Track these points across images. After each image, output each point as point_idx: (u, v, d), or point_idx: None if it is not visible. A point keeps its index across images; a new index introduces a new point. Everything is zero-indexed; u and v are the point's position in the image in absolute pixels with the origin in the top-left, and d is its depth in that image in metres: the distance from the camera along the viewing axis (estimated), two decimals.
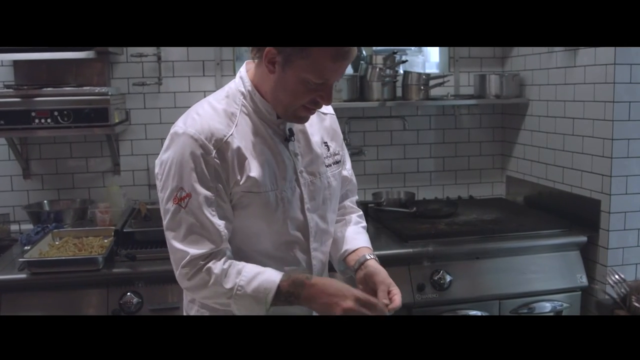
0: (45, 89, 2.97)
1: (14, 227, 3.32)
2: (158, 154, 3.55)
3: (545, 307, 3.00)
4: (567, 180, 3.29)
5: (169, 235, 1.66)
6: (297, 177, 1.76)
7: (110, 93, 2.99)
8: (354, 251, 1.91)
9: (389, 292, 1.75)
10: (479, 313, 2.92)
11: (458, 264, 2.94)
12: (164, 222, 1.67)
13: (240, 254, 1.72)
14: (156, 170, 1.70)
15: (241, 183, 1.65)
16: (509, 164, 3.89)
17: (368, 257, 1.86)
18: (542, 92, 3.48)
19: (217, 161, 1.63)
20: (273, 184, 1.70)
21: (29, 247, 2.79)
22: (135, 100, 3.52)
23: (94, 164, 3.55)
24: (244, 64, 1.79)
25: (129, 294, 2.66)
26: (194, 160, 1.61)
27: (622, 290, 1.50)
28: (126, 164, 3.57)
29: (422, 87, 3.53)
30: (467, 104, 3.82)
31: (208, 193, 1.62)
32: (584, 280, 3.03)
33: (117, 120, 3.10)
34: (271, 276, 1.62)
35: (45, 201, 3.45)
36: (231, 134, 1.65)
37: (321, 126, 1.90)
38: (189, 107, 1.77)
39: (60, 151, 3.49)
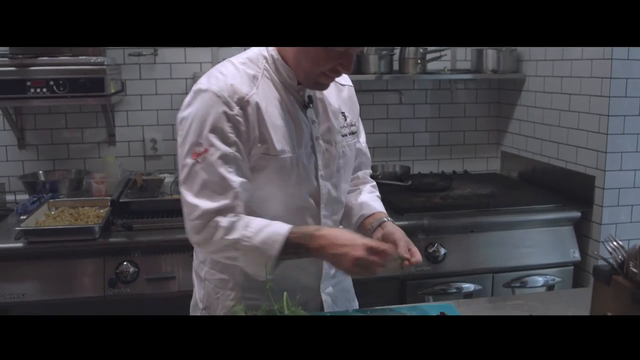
0: (40, 58, 2.94)
1: (9, 197, 3.31)
2: (154, 125, 3.57)
3: (538, 281, 3.03)
4: (562, 156, 3.30)
5: (183, 189, 1.67)
6: (313, 144, 1.77)
7: (106, 63, 2.97)
8: (370, 215, 1.93)
9: (409, 250, 1.79)
10: (472, 286, 2.96)
11: (452, 237, 2.96)
12: (180, 177, 1.68)
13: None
14: (178, 126, 1.71)
15: (259, 144, 1.66)
16: (504, 139, 3.90)
17: (386, 220, 1.90)
18: (539, 68, 3.48)
19: (239, 119, 1.64)
20: (289, 148, 1.71)
21: (25, 217, 2.79)
22: (131, 70, 3.50)
23: (89, 135, 3.54)
24: None
25: (125, 263, 2.67)
26: (216, 116, 1.63)
27: (620, 257, 1.51)
28: (122, 134, 3.56)
29: (419, 61, 3.52)
30: (464, 79, 3.82)
31: (227, 150, 1.63)
32: (576, 255, 3.06)
33: (112, 91, 3.09)
34: (279, 228, 1.62)
35: (40, 171, 3.44)
36: (252, 95, 1.66)
37: (339, 96, 1.91)
38: (185, 78, 1.77)
39: (56, 121, 3.48)
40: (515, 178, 3.76)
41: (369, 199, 2.01)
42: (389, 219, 1.92)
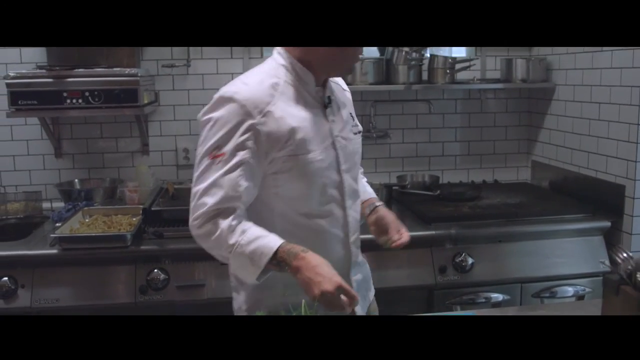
0: (76, 69, 3.03)
1: (45, 205, 3.40)
2: (186, 135, 3.63)
3: (568, 291, 3.01)
4: (592, 165, 3.28)
5: (194, 186, 1.76)
6: (333, 141, 1.88)
7: (139, 74, 3.04)
8: (365, 201, 2.12)
9: (399, 231, 2.00)
10: (500, 296, 2.95)
11: (480, 247, 2.96)
12: (194, 175, 1.77)
13: (286, 219, 1.83)
14: (200, 125, 1.81)
15: (285, 147, 1.75)
16: (535, 148, 3.89)
17: (377, 204, 2.10)
18: (569, 77, 3.47)
19: (260, 127, 1.72)
20: (314, 146, 1.81)
21: (60, 224, 2.87)
22: (164, 81, 3.57)
23: (123, 144, 3.62)
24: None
25: (155, 270, 2.73)
26: (237, 123, 1.71)
27: (629, 267, 1.53)
28: (155, 144, 3.63)
29: (448, 71, 3.54)
30: (493, 88, 3.82)
31: (243, 156, 1.71)
32: (607, 265, 3.03)
33: (146, 101, 3.16)
34: (271, 242, 1.70)
35: (76, 180, 3.53)
36: (275, 103, 1.76)
37: (346, 99, 2.06)
38: (217, 89, 1.82)
39: (91, 131, 3.57)
40: (546, 187, 3.74)
41: (362, 185, 2.18)
42: (381, 203, 2.12)
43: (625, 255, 1.57)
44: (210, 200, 1.70)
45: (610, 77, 3.09)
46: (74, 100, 2.99)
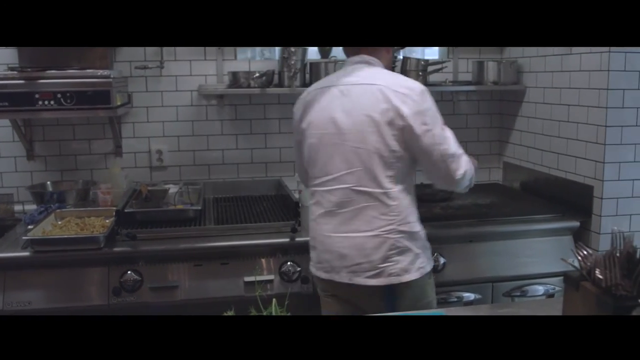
0: (48, 71, 3.01)
1: (17, 208, 3.38)
2: (160, 136, 3.62)
3: (538, 290, 3.05)
4: (561, 166, 3.33)
5: (454, 145, 2.34)
6: None
7: (112, 76, 3.03)
8: None
9: None
10: (472, 295, 2.98)
11: (452, 247, 3.00)
12: (446, 134, 2.32)
13: None
14: (425, 112, 2.28)
15: None
16: (506, 150, 3.94)
17: None
18: (539, 79, 3.52)
19: None
20: None
21: (32, 227, 2.85)
22: (138, 83, 3.57)
23: (96, 146, 3.60)
24: (369, 56, 2.41)
25: (129, 272, 2.72)
26: None
27: (589, 263, 1.57)
28: (128, 146, 3.62)
29: (420, 73, 3.57)
30: (465, 90, 3.86)
31: None
32: (576, 265, 3.07)
33: (119, 103, 3.15)
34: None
35: (48, 182, 3.51)
36: None
37: None
38: (191, 90, 1.84)
39: (64, 133, 3.55)
40: (517, 188, 3.80)
41: None
42: None
43: (585, 252, 1.62)
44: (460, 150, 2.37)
45: (579, 80, 3.14)
46: (46, 102, 2.98)
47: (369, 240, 2.29)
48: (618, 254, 1.57)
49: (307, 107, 2.43)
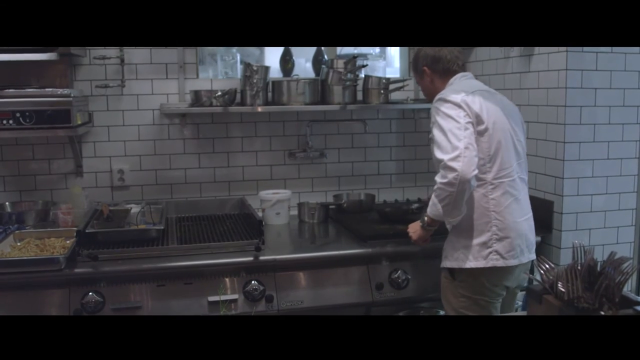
0: (6, 90, 2.97)
1: None
2: (121, 156, 3.59)
3: None
4: None
5: None
6: None
7: (72, 95, 3.00)
8: None
9: None
10: (438, 311, 3.00)
11: (415, 263, 3.02)
12: None
13: None
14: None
15: None
16: None
17: None
18: None
19: None
20: None
21: None
22: (98, 102, 3.53)
23: (56, 166, 3.55)
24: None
25: (90, 293, 2.68)
26: None
27: (551, 277, 1.60)
28: (89, 165, 3.58)
29: (382, 91, 3.60)
30: (427, 108, 3.87)
31: None
32: (538, 278, 3.11)
33: (79, 122, 3.12)
34: None
35: (7, 203, 3.45)
36: None
37: None
38: (152, 109, 1.83)
39: (23, 153, 3.50)
40: None
41: None
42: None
43: (547, 266, 1.65)
44: None
45: (538, 97, 3.20)
46: (4, 121, 2.93)
47: (531, 220, 2.74)
48: (579, 267, 1.60)
49: (482, 106, 2.63)
